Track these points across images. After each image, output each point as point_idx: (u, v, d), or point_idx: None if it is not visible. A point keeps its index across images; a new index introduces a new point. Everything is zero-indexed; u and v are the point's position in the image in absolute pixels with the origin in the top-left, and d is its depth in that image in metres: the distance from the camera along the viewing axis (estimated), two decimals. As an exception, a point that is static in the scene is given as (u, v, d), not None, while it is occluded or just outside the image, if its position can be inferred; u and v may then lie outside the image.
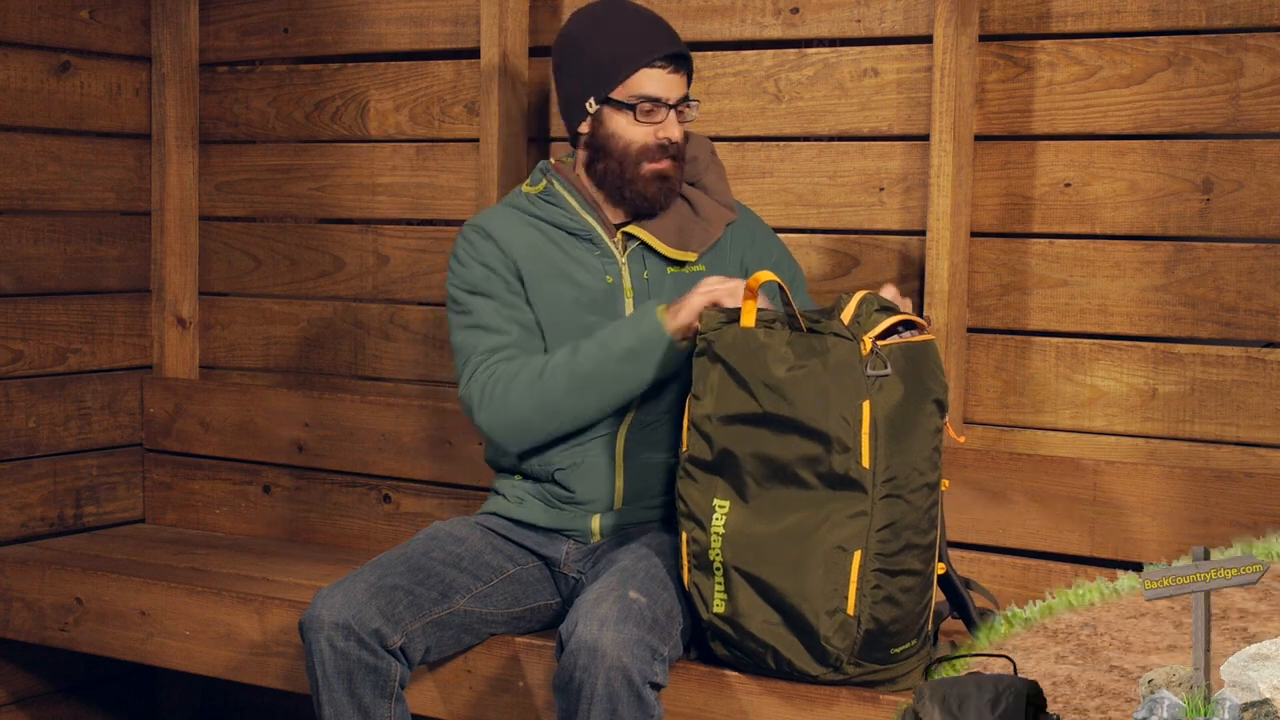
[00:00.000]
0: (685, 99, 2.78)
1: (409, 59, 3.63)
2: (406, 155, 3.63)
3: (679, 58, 2.77)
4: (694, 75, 2.87)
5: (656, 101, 2.74)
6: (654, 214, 2.80)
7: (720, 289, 2.59)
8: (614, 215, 2.84)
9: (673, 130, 2.76)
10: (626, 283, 2.80)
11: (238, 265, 3.88)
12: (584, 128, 2.80)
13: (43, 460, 3.71)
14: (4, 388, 3.63)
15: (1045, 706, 1.42)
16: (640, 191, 2.77)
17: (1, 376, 3.62)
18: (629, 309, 2.79)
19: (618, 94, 2.75)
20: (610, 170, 2.78)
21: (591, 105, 2.77)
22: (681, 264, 2.81)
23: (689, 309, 2.61)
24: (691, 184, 2.87)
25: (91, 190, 3.77)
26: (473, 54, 3.51)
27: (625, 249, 2.81)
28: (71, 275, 3.74)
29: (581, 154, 2.83)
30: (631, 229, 2.80)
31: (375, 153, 3.68)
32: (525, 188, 2.88)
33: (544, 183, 2.86)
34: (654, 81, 2.74)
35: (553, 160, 2.90)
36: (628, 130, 2.75)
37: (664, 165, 2.77)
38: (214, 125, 3.89)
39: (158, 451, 3.91)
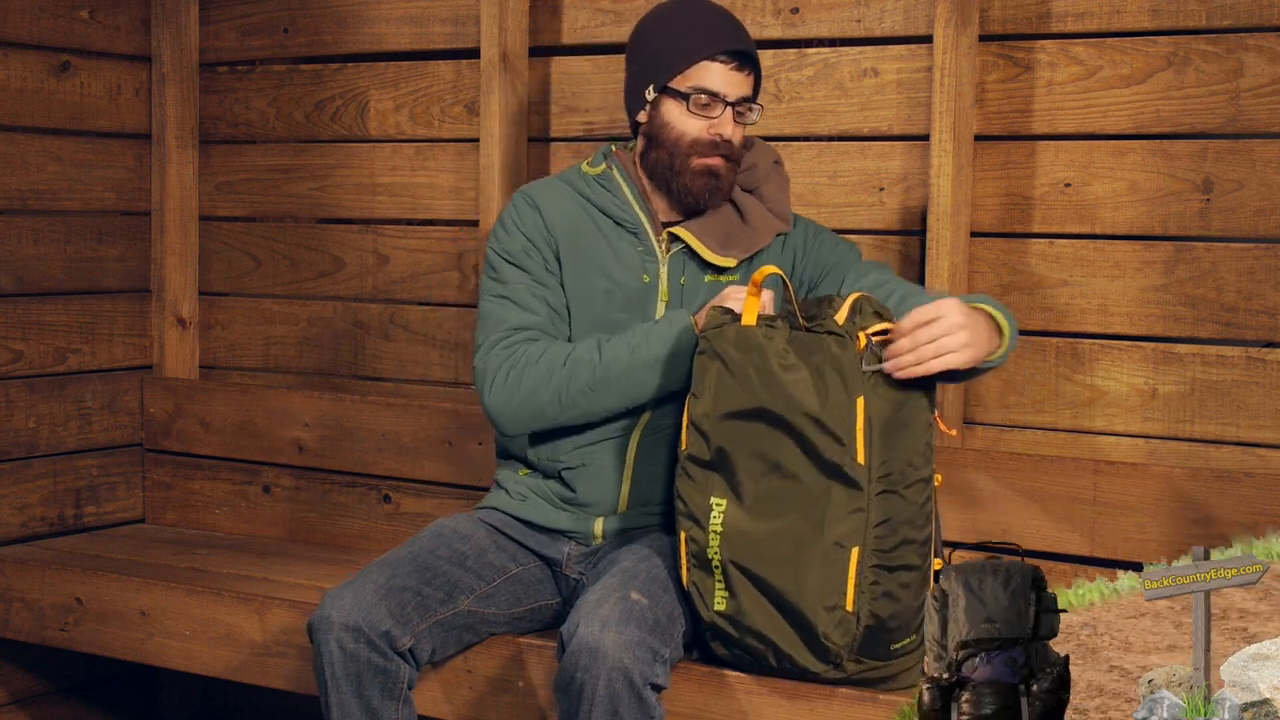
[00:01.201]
0: (747, 100, 2.73)
1: (409, 59, 3.63)
2: (406, 155, 3.63)
3: (744, 56, 2.71)
4: None
5: (714, 96, 2.69)
6: (700, 210, 2.76)
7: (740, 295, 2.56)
8: (663, 212, 2.80)
9: (726, 128, 2.70)
10: (663, 285, 2.76)
11: (238, 265, 3.88)
12: (642, 116, 2.76)
13: (43, 460, 3.71)
14: (4, 388, 3.62)
15: (1046, 587, 1.73)
16: (687, 185, 2.72)
17: (1, 376, 3.62)
18: (660, 312, 2.75)
19: (676, 83, 2.70)
20: (661, 160, 2.74)
21: (650, 93, 2.73)
22: (720, 271, 2.76)
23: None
24: (750, 191, 2.81)
25: (91, 190, 3.77)
26: (473, 54, 3.51)
27: (669, 250, 2.77)
28: (71, 275, 3.74)
29: (639, 143, 2.80)
30: (676, 230, 2.75)
31: (375, 153, 3.68)
32: (585, 167, 2.84)
33: (603, 166, 2.83)
34: (713, 75, 2.69)
35: (614, 147, 2.87)
36: (681, 121, 2.71)
37: (714, 162, 2.71)
38: (214, 125, 3.89)
39: (158, 451, 3.91)
